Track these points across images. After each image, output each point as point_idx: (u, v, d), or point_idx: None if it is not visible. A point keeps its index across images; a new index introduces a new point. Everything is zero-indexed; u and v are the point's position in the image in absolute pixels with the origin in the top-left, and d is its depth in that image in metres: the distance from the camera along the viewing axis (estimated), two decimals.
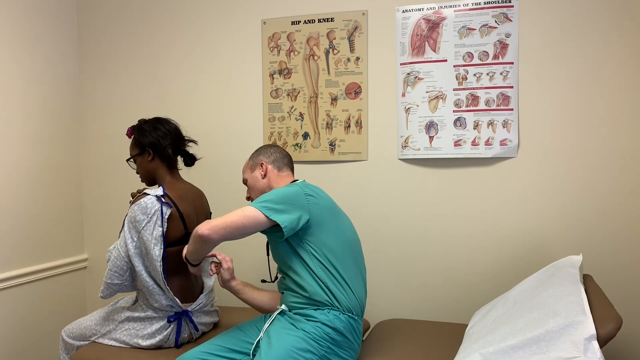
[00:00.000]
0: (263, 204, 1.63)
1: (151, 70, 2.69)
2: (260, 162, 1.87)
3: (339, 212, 1.81)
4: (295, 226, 1.63)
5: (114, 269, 1.88)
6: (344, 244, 1.73)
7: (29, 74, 2.48)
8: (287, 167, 1.90)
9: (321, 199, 1.73)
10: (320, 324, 1.63)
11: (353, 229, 1.86)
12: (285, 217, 1.61)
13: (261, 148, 1.92)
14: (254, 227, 1.62)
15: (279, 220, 1.60)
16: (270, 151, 1.89)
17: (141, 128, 2.02)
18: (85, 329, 1.99)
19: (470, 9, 2.22)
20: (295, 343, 1.59)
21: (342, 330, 1.65)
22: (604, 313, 1.35)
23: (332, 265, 1.68)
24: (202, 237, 1.62)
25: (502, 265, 2.24)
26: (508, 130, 2.20)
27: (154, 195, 1.87)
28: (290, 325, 1.67)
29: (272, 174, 1.85)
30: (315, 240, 1.68)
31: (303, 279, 1.68)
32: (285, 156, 1.91)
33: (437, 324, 2.14)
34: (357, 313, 1.72)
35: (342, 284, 1.69)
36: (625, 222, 2.09)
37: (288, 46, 2.47)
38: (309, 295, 1.67)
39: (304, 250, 1.68)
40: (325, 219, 1.70)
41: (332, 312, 1.65)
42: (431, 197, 2.32)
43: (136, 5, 2.70)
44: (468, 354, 1.40)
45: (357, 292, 1.73)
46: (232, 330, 1.83)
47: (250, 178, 1.89)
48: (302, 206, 1.66)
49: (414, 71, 2.30)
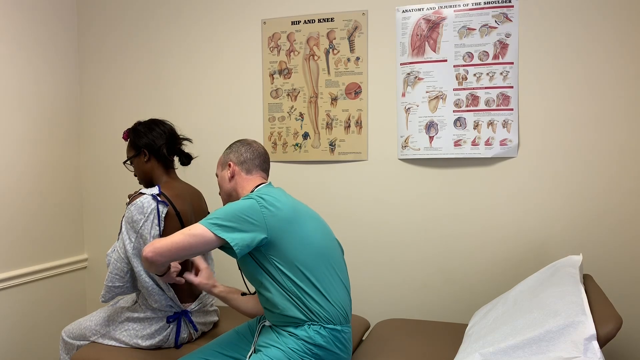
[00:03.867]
0: (212, 220, 1.54)
1: (151, 70, 2.69)
2: (229, 162, 1.77)
3: (304, 218, 1.65)
4: (248, 244, 1.53)
5: (115, 271, 1.87)
6: (313, 252, 1.61)
7: (29, 74, 2.49)
8: (258, 168, 1.78)
9: (279, 209, 1.59)
10: (302, 341, 1.57)
11: (325, 232, 1.70)
12: (236, 235, 1.52)
13: (235, 144, 1.81)
14: (202, 246, 1.53)
15: (228, 239, 1.51)
16: (242, 150, 1.77)
17: (136, 130, 2.03)
18: (85, 329, 1.99)
19: (470, 9, 2.22)
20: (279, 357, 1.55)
21: (324, 344, 1.58)
22: (604, 313, 1.35)
23: (303, 278, 1.58)
24: (146, 259, 1.54)
25: (502, 265, 2.24)
26: (508, 130, 2.20)
27: (149, 195, 1.87)
28: (276, 338, 1.61)
29: (238, 177, 1.75)
30: (280, 254, 1.58)
31: (273, 295, 1.59)
32: (257, 156, 1.78)
33: (437, 324, 2.14)
34: (339, 322, 1.62)
35: (317, 296, 1.59)
36: (625, 222, 2.09)
37: (288, 46, 2.47)
38: (280, 312, 1.59)
39: (271, 265, 1.59)
40: (286, 231, 1.58)
41: (313, 327, 1.57)
42: (431, 197, 2.32)
43: (136, 5, 2.70)
44: (468, 354, 1.40)
45: (337, 300, 1.62)
46: (228, 334, 1.83)
47: (219, 176, 1.81)
48: (256, 223, 1.55)
49: (414, 71, 2.30)
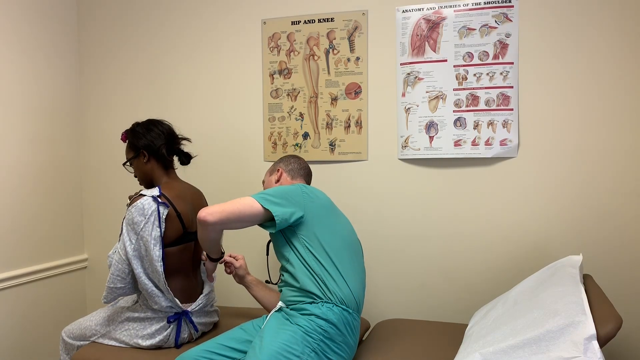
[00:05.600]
0: (261, 195, 1.73)
1: (151, 71, 2.69)
2: (278, 168, 2.00)
3: (337, 213, 1.88)
4: (287, 218, 1.71)
5: (116, 272, 1.87)
6: (340, 240, 1.79)
7: (29, 74, 2.48)
8: (302, 177, 2.01)
9: (318, 199, 1.81)
10: (314, 316, 1.65)
11: (351, 231, 1.90)
12: (279, 209, 1.70)
13: (287, 156, 2.06)
14: (249, 214, 1.69)
15: (273, 210, 1.68)
16: (291, 161, 2.02)
17: (135, 131, 2.03)
18: (85, 329, 1.99)
19: (470, 9, 2.22)
20: (287, 338, 1.62)
21: (336, 322, 1.66)
22: (604, 313, 1.35)
23: (326, 258, 1.73)
24: (199, 221, 1.68)
25: (502, 265, 2.24)
26: (508, 130, 2.20)
27: (150, 196, 1.87)
28: (285, 321, 1.69)
29: (284, 181, 1.98)
30: (309, 234, 1.75)
31: (296, 270, 1.74)
32: (302, 168, 2.03)
33: (437, 324, 2.14)
34: (351, 307, 1.73)
35: (336, 276, 1.72)
36: (625, 222, 2.09)
37: (288, 46, 2.47)
38: (300, 286, 1.72)
39: (299, 242, 1.75)
40: (320, 216, 1.78)
41: (326, 304, 1.68)
42: (431, 197, 2.32)
43: (136, 5, 2.70)
44: (468, 354, 1.40)
45: (353, 287, 1.75)
46: (233, 330, 1.85)
47: (266, 180, 2.03)
48: (297, 203, 1.74)
49: (414, 71, 2.30)
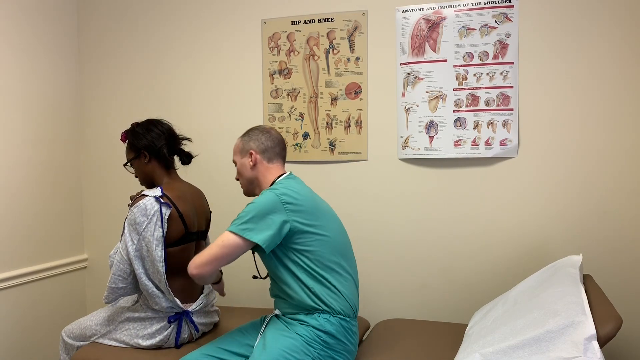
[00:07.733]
0: (240, 226, 1.62)
1: (151, 71, 2.69)
2: (250, 151, 1.82)
3: (322, 213, 1.76)
4: (277, 240, 1.64)
5: (118, 272, 1.87)
6: (329, 247, 1.71)
7: (29, 74, 2.48)
8: (278, 156, 1.85)
9: (300, 205, 1.68)
10: (312, 327, 1.64)
11: (339, 227, 1.82)
12: (264, 235, 1.61)
13: (253, 131, 1.86)
14: (236, 252, 1.63)
15: (259, 241, 1.60)
16: (262, 139, 1.82)
17: (135, 131, 2.01)
18: (85, 329, 1.99)
19: (470, 9, 2.22)
20: (289, 345, 1.61)
21: (334, 333, 1.66)
22: (604, 313, 1.35)
23: (318, 271, 1.67)
24: (193, 277, 1.65)
25: (502, 265, 2.24)
26: (508, 130, 2.20)
27: (152, 197, 1.87)
28: (285, 327, 1.68)
29: (260, 166, 1.81)
30: (300, 248, 1.67)
31: (290, 287, 1.69)
32: (277, 144, 1.84)
33: (437, 324, 2.14)
34: (348, 314, 1.71)
35: (331, 289, 1.68)
36: (625, 222, 2.09)
37: (288, 46, 2.47)
38: (295, 303, 1.69)
39: (289, 258, 1.68)
40: (307, 225, 1.68)
41: (323, 315, 1.66)
42: (431, 197, 2.31)
43: (136, 5, 2.70)
44: (468, 354, 1.41)
45: (348, 294, 1.72)
46: (232, 332, 1.84)
47: (239, 163, 1.86)
48: (280, 219, 1.63)
49: (414, 71, 2.30)
